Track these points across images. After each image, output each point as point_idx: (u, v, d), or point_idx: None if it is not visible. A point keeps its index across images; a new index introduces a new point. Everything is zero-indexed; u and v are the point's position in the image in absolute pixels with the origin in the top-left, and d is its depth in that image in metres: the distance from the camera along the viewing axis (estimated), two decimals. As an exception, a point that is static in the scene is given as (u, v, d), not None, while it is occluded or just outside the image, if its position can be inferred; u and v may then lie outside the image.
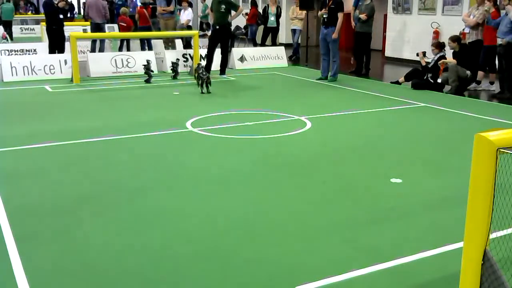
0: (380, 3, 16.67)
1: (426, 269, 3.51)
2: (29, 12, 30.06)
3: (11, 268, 3.49)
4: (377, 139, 6.90)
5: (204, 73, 10.30)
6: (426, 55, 10.98)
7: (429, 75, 10.65)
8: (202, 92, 10.22)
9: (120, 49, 15.55)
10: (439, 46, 10.72)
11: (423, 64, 10.74)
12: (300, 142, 6.73)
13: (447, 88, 10.45)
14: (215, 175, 5.43)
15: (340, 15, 11.35)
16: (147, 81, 11.52)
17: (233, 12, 12.41)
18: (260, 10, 18.22)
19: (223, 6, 12.09)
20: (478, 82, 10.88)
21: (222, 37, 12.30)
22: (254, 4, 18.20)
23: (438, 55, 10.57)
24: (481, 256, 2.57)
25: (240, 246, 3.85)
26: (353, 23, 13.19)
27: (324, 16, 11.51)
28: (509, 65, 9.84)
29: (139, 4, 18.00)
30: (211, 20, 12.51)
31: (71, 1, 24.83)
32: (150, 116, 8.16)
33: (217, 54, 12.60)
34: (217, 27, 12.18)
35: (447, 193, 4.94)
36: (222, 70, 12.71)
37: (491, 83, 10.97)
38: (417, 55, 11.02)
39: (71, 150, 6.33)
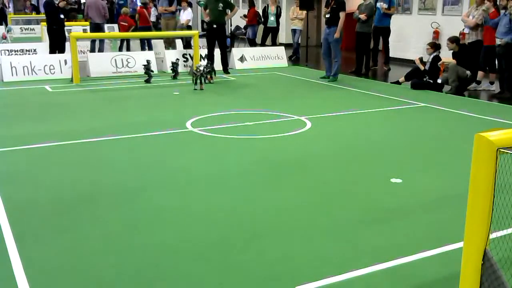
0: (380, 3, 16.65)
1: (426, 269, 3.51)
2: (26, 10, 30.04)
3: (11, 268, 3.49)
4: (377, 139, 6.90)
5: (198, 70, 10.60)
6: (422, 54, 11.00)
7: (427, 77, 10.65)
8: (195, 89, 10.56)
9: (120, 49, 15.55)
10: (434, 46, 10.74)
11: (422, 69, 10.75)
12: (300, 142, 6.73)
13: (447, 88, 10.44)
14: (215, 175, 5.43)
15: (342, 15, 11.35)
16: (147, 81, 11.52)
17: (228, 11, 12.54)
18: (260, 10, 18.20)
19: (221, 5, 12.27)
20: (478, 82, 10.87)
21: (220, 35, 12.42)
22: (252, 4, 18.18)
23: (433, 55, 10.58)
24: (481, 256, 2.57)
25: (240, 246, 3.85)
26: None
27: (327, 16, 11.54)
28: (509, 65, 9.84)
29: (139, 4, 18.00)
30: (206, 18, 12.60)
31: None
32: (150, 116, 8.16)
33: (216, 54, 12.69)
34: (215, 26, 12.28)
35: (447, 193, 4.94)
36: (225, 69, 12.81)
37: (491, 83, 10.96)
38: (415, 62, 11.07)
39: (71, 150, 6.33)
